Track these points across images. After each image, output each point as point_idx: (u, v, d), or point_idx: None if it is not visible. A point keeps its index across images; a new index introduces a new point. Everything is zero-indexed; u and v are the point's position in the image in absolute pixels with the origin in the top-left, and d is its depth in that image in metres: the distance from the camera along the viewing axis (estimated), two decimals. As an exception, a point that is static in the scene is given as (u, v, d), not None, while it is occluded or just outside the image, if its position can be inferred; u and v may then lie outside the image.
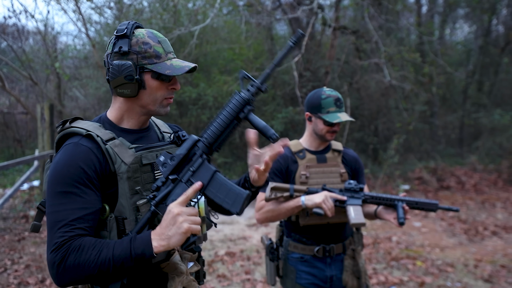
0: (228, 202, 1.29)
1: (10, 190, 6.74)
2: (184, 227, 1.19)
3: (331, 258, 2.25)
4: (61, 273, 1.18)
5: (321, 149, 2.32)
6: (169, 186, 1.29)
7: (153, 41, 1.34)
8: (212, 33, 10.28)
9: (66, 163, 1.25)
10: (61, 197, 1.22)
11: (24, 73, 9.94)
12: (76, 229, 1.20)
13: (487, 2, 11.04)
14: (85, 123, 1.34)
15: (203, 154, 1.32)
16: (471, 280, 4.34)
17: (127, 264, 1.17)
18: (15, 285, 4.15)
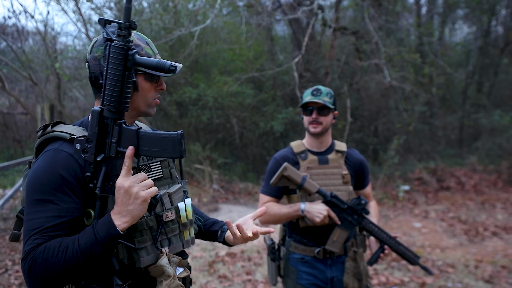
0: (168, 151, 1.23)
1: (11, 191, 6.74)
2: (142, 196, 1.17)
3: (332, 260, 2.25)
4: (33, 280, 1.16)
5: (323, 150, 2.32)
6: (103, 167, 1.23)
7: (143, 43, 1.33)
8: (212, 33, 10.29)
9: (45, 170, 1.22)
10: (37, 205, 1.20)
11: (24, 73, 9.94)
12: (46, 237, 1.17)
13: (487, 3, 11.06)
14: (68, 127, 1.31)
15: (115, 120, 1.22)
16: (472, 281, 4.34)
17: (95, 251, 1.16)
18: (16, 285, 4.15)
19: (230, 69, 10.69)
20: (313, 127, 2.24)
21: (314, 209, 2.12)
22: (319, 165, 2.27)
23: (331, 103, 2.24)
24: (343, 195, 2.23)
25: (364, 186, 2.42)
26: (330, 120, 2.28)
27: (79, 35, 11.62)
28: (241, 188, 9.49)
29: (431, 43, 10.43)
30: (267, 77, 10.09)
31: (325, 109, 2.23)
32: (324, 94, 2.24)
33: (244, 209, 7.87)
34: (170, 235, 1.35)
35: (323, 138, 2.30)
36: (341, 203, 2.18)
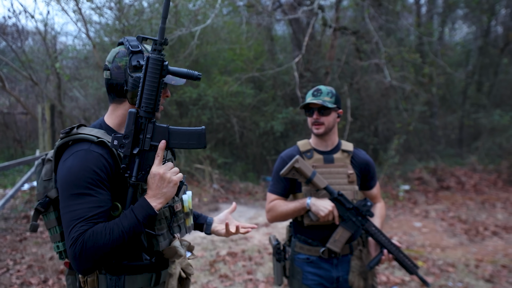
0: (194, 143, 1.47)
1: (11, 191, 6.74)
2: (174, 180, 1.41)
3: (338, 259, 2.25)
4: (84, 261, 1.32)
5: (329, 149, 2.33)
6: (137, 160, 1.42)
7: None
8: (212, 33, 10.30)
9: (80, 167, 1.37)
10: (78, 198, 1.35)
11: (24, 73, 9.95)
12: (90, 224, 1.34)
13: (486, 3, 11.07)
14: (92, 130, 1.46)
15: (149, 119, 1.43)
16: (472, 280, 4.35)
17: (137, 230, 1.36)
18: (18, 285, 4.16)
19: (230, 69, 10.70)
20: (316, 128, 2.27)
21: (319, 204, 2.14)
22: (324, 164, 2.27)
23: (332, 102, 2.24)
24: (348, 194, 2.23)
25: (371, 186, 2.42)
26: (332, 119, 2.27)
27: (79, 35, 11.63)
28: (241, 187, 9.50)
29: (431, 43, 10.44)
30: (267, 77, 10.10)
31: (325, 109, 2.23)
32: (324, 94, 2.25)
33: (244, 209, 7.88)
34: (179, 222, 1.58)
35: (327, 138, 2.31)
36: (347, 202, 2.19)
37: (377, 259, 2.21)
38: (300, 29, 10.45)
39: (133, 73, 1.45)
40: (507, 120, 9.78)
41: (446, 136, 11.70)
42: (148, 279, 1.50)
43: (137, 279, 1.48)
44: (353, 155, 2.34)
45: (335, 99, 2.26)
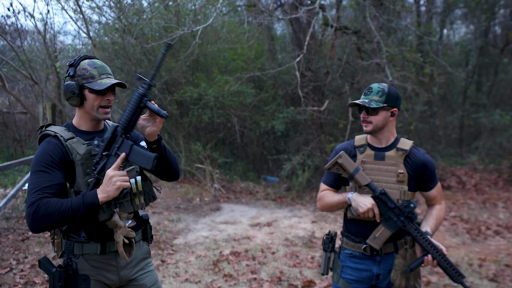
0: (143, 162, 1.81)
1: (13, 190, 6.72)
2: (117, 184, 1.76)
3: (381, 257, 2.26)
4: (35, 220, 1.73)
5: (384, 146, 2.31)
6: (104, 160, 1.84)
7: (90, 67, 1.91)
8: (212, 33, 10.28)
9: (41, 153, 1.86)
10: (36, 174, 1.82)
11: (24, 72, 9.91)
12: (45, 193, 1.77)
13: (486, 3, 11.08)
14: (55, 128, 1.94)
15: (122, 134, 1.85)
16: (477, 280, 4.36)
17: (80, 212, 1.74)
18: (22, 284, 4.14)
19: (230, 68, 10.68)
20: (365, 126, 2.27)
21: (360, 200, 2.16)
22: (374, 160, 2.27)
23: (381, 101, 2.20)
24: (395, 193, 2.20)
25: (430, 188, 2.33)
26: (382, 118, 2.24)
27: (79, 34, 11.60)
28: (242, 187, 9.49)
29: (431, 43, 10.45)
30: (268, 76, 10.09)
31: (373, 109, 2.22)
32: (374, 93, 2.23)
33: (246, 208, 7.88)
34: (121, 200, 1.91)
35: (380, 135, 2.29)
36: (389, 201, 2.16)
37: (418, 261, 2.16)
38: (301, 28, 10.43)
39: (66, 82, 1.91)
40: (507, 120, 9.79)
41: (447, 135, 11.72)
42: (95, 248, 1.91)
43: (83, 246, 1.90)
44: (409, 154, 2.27)
45: (385, 98, 2.21)
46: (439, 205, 2.39)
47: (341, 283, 2.32)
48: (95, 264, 1.92)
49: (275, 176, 10.38)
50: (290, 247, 5.46)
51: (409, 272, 2.20)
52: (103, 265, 1.94)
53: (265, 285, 4.21)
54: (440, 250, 2.15)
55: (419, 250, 2.21)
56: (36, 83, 10.07)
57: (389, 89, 2.24)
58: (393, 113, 2.27)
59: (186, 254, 5.18)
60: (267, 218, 7.10)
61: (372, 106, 2.18)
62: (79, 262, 1.91)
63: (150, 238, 2.15)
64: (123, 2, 9.14)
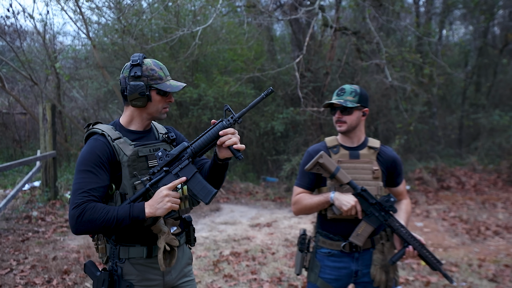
0: (202, 194, 1.79)
1: (13, 191, 6.72)
2: (168, 205, 1.72)
3: (359, 253, 2.31)
4: (78, 224, 1.68)
5: (355, 145, 2.38)
6: (162, 174, 1.80)
7: (157, 68, 1.87)
8: (212, 34, 10.28)
9: (88, 151, 1.79)
10: (83, 173, 1.76)
11: (23, 73, 9.92)
12: (91, 196, 1.72)
13: (485, 4, 11.10)
14: (102, 126, 1.89)
15: (190, 157, 1.82)
16: (476, 280, 4.37)
17: (125, 223, 1.70)
18: (22, 285, 4.15)
19: (230, 69, 10.69)
20: (338, 126, 2.34)
21: (343, 198, 2.19)
22: (349, 159, 2.33)
23: (354, 101, 2.28)
24: (372, 190, 2.27)
25: (398, 183, 2.45)
26: (355, 118, 2.31)
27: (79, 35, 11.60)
28: (241, 188, 9.50)
29: (430, 43, 10.47)
30: (267, 77, 10.10)
31: (347, 108, 2.30)
32: (347, 93, 2.31)
33: (245, 209, 7.89)
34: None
35: (353, 135, 2.36)
36: (370, 197, 2.23)
37: (400, 253, 2.24)
38: (300, 29, 10.45)
39: (131, 82, 1.83)
40: (506, 120, 9.80)
41: (446, 136, 11.73)
42: (141, 251, 1.86)
43: (129, 250, 1.85)
44: (379, 151, 2.37)
45: (358, 98, 2.30)
46: (406, 200, 2.54)
47: (320, 283, 2.33)
48: (140, 268, 1.87)
49: (274, 176, 10.39)
50: (290, 247, 5.47)
51: (389, 266, 2.27)
52: (148, 269, 1.89)
53: (265, 285, 4.22)
54: (419, 241, 2.26)
55: (398, 242, 2.29)
56: (35, 83, 10.07)
57: (360, 90, 2.35)
58: (364, 113, 2.37)
59: (186, 255, 5.18)
60: (267, 218, 7.10)
61: (349, 105, 2.26)
62: (124, 266, 1.85)
63: (193, 240, 2.07)
64: (123, 3, 9.15)
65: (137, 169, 1.82)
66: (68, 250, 5.27)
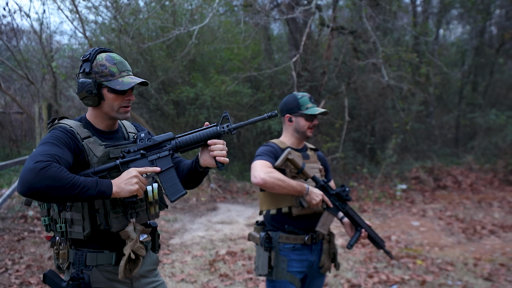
0: (171, 190, 1.72)
1: (8, 190, 6.70)
2: (135, 187, 1.59)
3: (315, 245, 2.48)
4: (39, 177, 1.42)
5: (301, 148, 2.57)
6: (137, 155, 1.70)
7: (109, 63, 1.71)
8: (209, 33, 10.28)
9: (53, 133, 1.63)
10: (46, 145, 1.55)
11: (20, 72, 9.89)
12: (56, 160, 1.50)
13: (481, 3, 11.12)
14: (70, 121, 1.72)
15: (171, 150, 1.73)
16: (471, 279, 4.37)
17: (90, 193, 1.51)
18: (17, 285, 4.13)
19: (227, 68, 10.68)
20: (310, 131, 2.51)
21: (314, 192, 2.32)
22: (303, 159, 2.49)
23: None
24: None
25: (330, 179, 2.67)
26: None
27: (75, 34, 11.57)
28: (238, 187, 9.50)
29: (427, 43, 10.48)
30: (264, 76, 10.10)
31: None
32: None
33: (242, 208, 7.88)
34: (138, 210, 1.76)
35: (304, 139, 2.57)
36: (330, 189, 2.43)
37: (356, 237, 2.46)
38: (297, 28, 10.45)
39: (80, 79, 1.72)
40: (503, 120, 9.83)
41: (443, 135, 11.76)
42: (110, 258, 1.72)
43: (97, 256, 1.70)
44: (317, 153, 2.65)
45: None
46: None
47: (289, 277, 2.40)
48: (109, 276, 1.73)
49: (271, 176, 10.38)
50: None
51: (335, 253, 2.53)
52: (117, 276, 1.74)
53: (261, 285, 4.21)
54: (369, 225, 2.53)
55: (349, 228, 2.53)
56: (32, 83, 10.04)
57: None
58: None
59: (182, 254, 5.18)
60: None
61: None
62: (92, 274, 1.70)
63: (158, 247, 1.94)
64: (120, 2, 9.13)
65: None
66: (63, 249, 5.25)
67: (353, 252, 5.27)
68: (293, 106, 2.48)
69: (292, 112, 2.49)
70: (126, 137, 1.88)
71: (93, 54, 1.71)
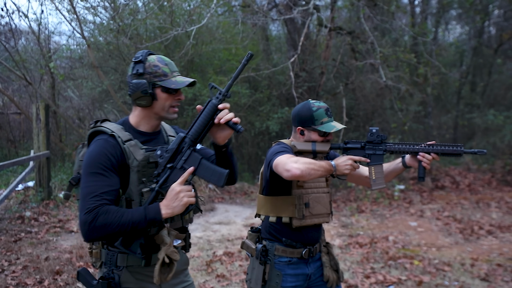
0: (215, 178, 1.71)
1: (6, 191, 6.69)
2: (185, 201, 1.64)
3: (312, 258, 2.33)
4: (91, 230, 1.56)
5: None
6: (167, 172, 1.70)
7: (161, 64, 1.76)
8: (207, 33, 10.27)
9: (97, 152, 1.66)
10: (93, 176, 1.63)
11: (18, 73, 9.88)
12: (103, 200, 1.60)
13: (480, 4, 11.13)
14: (111, 125, 1.75)
15: (190, 146, 1.73)
16: (468, 279, 4.37)
17: (140, 226, 1.60)
18: (13, 286, 4.13)
19: (225, 69, 10.67)
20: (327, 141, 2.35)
21: (340, 162, 2.13)
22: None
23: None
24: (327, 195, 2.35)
25: None
26: None
27: (73, 35, 11.55)
28: (236, 188, 9.49)
29: (425, 43, 10.48)
30: (262, 76, 10.09)
31: None
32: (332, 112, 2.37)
33: (240, 209, 7.88)
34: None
35: None
36: (357, 143, 2.26)
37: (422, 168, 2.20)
38: (295, 29, 10.45)
39: (133, 80, 1.73)
40: (501, 120, 9.83)
41: (441, 136, 11.75)
42: (139, 260, 1.74)
43: (127, 258, 1.74)
44: None
45: None
46: None
47: None
48: (139, 277, 1.77)
49: (270, 176, 10.37)
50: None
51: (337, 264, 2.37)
52: (146, 277, 1.78)
53: (257, 285, 4.21)
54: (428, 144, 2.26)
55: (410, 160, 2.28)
56: (30, 83, 10.04)
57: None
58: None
59: (179, 255, 5.17)
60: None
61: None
62: (122, 274, 1.75)
63: (189, 246, 1.95)
64: (118, 2, 9.12)
65: (146, 175, 1.72)
66: (60, 250, 5.25)
67: (350, 252, 5.27)
68: (306, 119, 2.27)
69: (305, 126, 2.28)
70: (166, 141, 1.90)
71: (145, 56, 1.75)
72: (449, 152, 2.19)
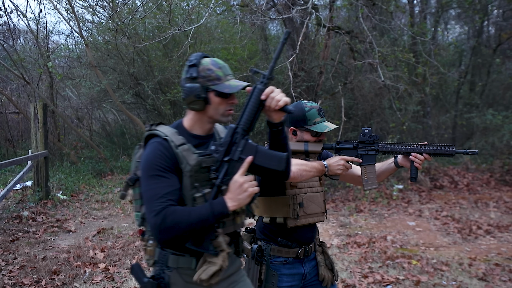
0: (275, 163, 1.70)
1: (4, 191, 6.68)
2: (250, 191, 1.63)
3: (307, 258, 2.32)
4: (163, 231, 1.57)
5: None
6: (225, 166, 1.68)
7: (215, 67, 1.74)
8: (206, 33, 10.26)
9: (154, 155, 1.67)
10: (154, 179, 1.64)
11: (16, 72, 9.86)
12: (168, 200, 1.61)
13: (479, 3, 11.13)
14: (165, 128, 1.75)
15: (243, 136, 1.69)
16: (466, 279, 4.37)
17: (209, 222, 1.59)
18: (10, 285, 4.11)
19: (224, 68, 10.66)
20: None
21: (332, 162, 2.20)
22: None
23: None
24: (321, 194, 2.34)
25: None
26: None
27: (72, 34, 11.54)
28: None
29: (424, 43, 10.48)
30: (261, 76, 10.08)
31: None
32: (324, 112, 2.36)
33: (238, 209, 7.86)
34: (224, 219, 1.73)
35: None
36: (349, 144, 2.30)
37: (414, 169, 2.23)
38: (294, 28, 10.43)
39: (186, 84, 1.73)
40: (499, 120, 9.83)
41: (439, 135, 11.75)
42: (190, 262, 1.72)
43: (179, 259, 1.73)
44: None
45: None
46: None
47: None
48: (188, 279, 1.74)
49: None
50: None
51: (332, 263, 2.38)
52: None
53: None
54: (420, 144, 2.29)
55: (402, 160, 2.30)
56: (28, 83, 10.03)
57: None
58: None
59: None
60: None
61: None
62: (172, 275, 1.74)
63: (242, 251, 1.91)
64: (116, 2, 9.11)
65: (198, 180, 1.69)
66: (58, 250, 5.24)
67: (348, 252, 5.26)
68: (298, 120, 2.30)
69: (298, 126, 2.31)
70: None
71: (199, 59, 1.74)
72: (441, 152, 2.23)
